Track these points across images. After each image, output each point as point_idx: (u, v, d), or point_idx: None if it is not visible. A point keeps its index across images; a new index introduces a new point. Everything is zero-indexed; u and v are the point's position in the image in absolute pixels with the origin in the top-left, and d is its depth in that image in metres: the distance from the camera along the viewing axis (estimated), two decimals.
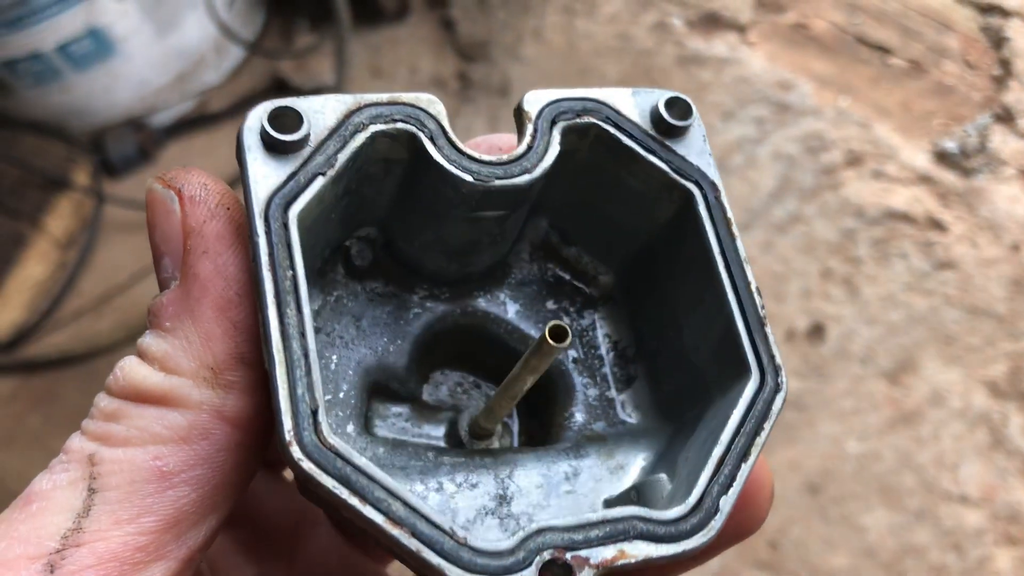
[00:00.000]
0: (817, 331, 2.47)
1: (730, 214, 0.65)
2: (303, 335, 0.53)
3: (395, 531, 0.50)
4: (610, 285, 0.76)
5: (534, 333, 0.74)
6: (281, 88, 3.13)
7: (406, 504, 0.51)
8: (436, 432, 0.71)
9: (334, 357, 0.68)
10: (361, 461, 0.51)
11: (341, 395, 0.67)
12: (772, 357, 0.61)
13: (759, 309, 0.62)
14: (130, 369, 0.56)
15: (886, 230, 2.57)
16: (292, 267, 0.54)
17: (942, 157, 2.66)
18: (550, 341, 0.58)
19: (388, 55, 3.16)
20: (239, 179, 0.57)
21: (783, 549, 2.22)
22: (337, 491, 0.50)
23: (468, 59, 3.07)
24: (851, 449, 2.33)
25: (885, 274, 2.53)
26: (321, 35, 3.16)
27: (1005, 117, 2.70)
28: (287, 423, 0.50)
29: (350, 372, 0.68)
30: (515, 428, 0.76)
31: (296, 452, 0.50)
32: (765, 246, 2.57)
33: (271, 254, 0.54)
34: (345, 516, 0.51)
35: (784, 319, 2.49)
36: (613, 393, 0.73)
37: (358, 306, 0.70)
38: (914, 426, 2.34)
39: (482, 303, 0.74)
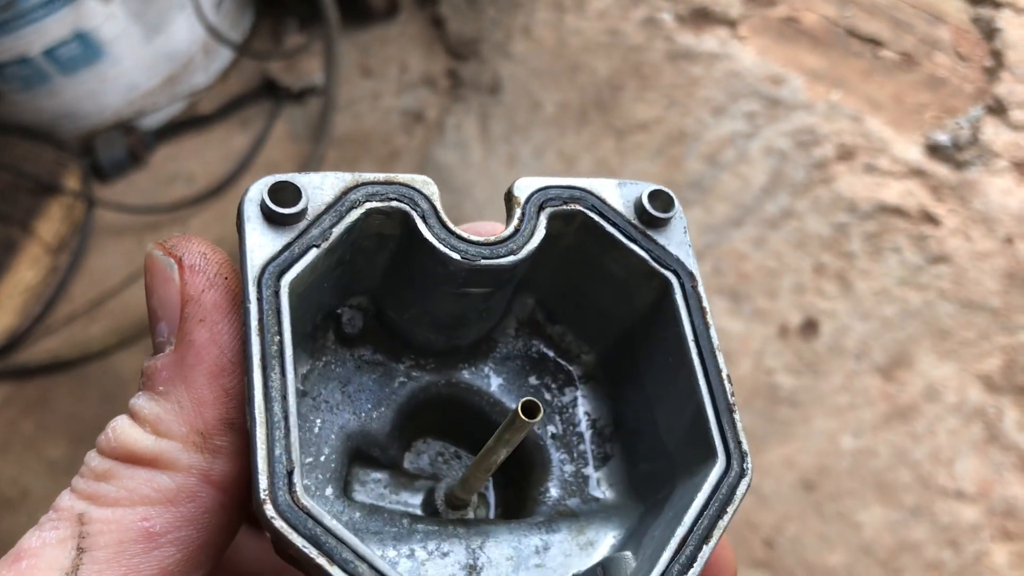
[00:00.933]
0: (810, 326, 2.46)
1: (706, 303, 0.68)
2: (285, 398, 0.55)
3: None
4: (592, 364, 0.79)
5: (514, 407, 0.77)
6: (271, 88, 3.13)
7: (372, 567, 0.53)
8: (413, 500, 0.73)
9: (318, 421, 0.70)
10: (331, 523, 0.53)
11: (322, 458, 0.69)
12: (739, 443, 0.63)
13: (729, 396, 0.64)
14: (122, 430, 0.58)
15: (879, 224, 2.56)
16: (280, 333, 0.57)
17: (934, 150, 2.64)
18: (522, 416, 0.60)
19: (378, 54, 3.15)
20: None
21: (779, 547, 2.22)
22: (306, 550, 0.52)
23: (458, 57, 3.06)
24: (846, 445, 2.33)
25: (878, 268, 2.51)
26: (310, 35, 3.15)
27: (997, 109, 2.68)
28: (263, 483, 0.52)
29: (332, 436, 0.70)
30: (491, 499, 0.78)
31: (270, 510, 0.52)
32: (757, 242, 2.56)
33: (261, 320, 0.56)
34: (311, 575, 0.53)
35: (777, 315, 2.48)
36: (590, 470, 0.76)
37: (346, 372, 0.73)
38: (909, 421, 2.33)
39: (466, 375, 0.77)
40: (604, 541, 0.70)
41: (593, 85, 2.89)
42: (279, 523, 0.52)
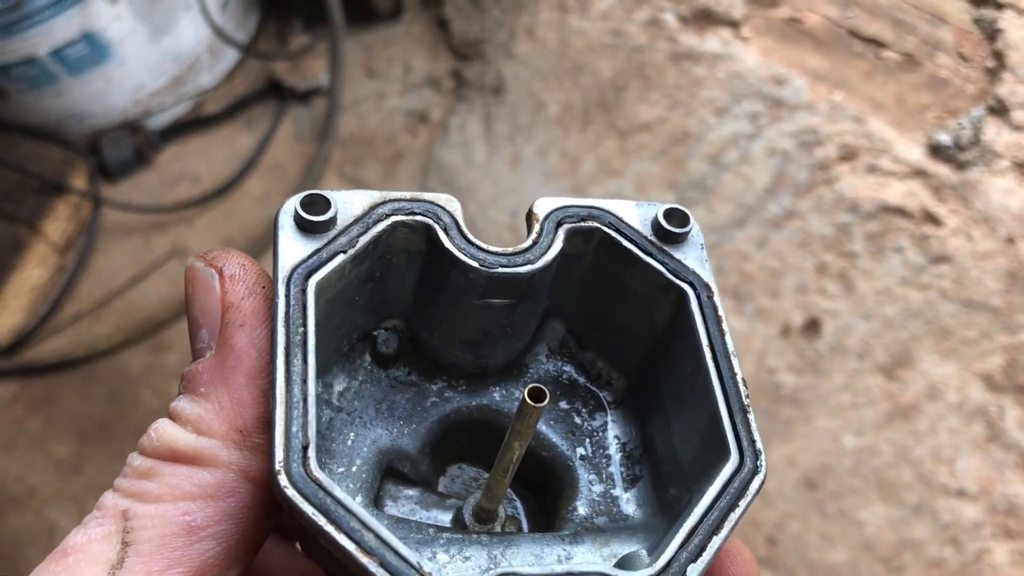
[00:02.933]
0: (813, 326, 2.47)
1: (722, 312, 0.69)
2: (305, 382, 0.58)
3: (364, 559, 0.54)
4: (622, 390, 0.81)
5: (544, 431, 0.79)
6: (276, 89, 3.14)
7: (378, 536, 0.55)
8: (443, 517, 0.75)
9: (351, 434, 0.73)
10: (341, 494, 0.55)
11: (354, 468, 0.72)
12: (753, 442, 0.64)
13: (743, 398, 0.66)
14: (164, 431, 0.61)
15: (881, 224, 2.57)
16: (304, 325, 0.60)
17: (936, 150, 2.65)
18: (529, 401, 0.62)
19: (382, 55, 3.16)
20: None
21: (781, 545, 2.22)
22: (315, 518, 0.54)
23: (462, 58, 3.07)
24: (848, 444, 2.33)
25: (880, 268, 2.52)
26: (315, 36, 3.16)
27: (999, 109, 2.69)
28: (279, 455, 0.55)
29: (365, 449, 0.73)
30: (522, 520, 0.79)
31: (283, 480, 0.55)
32: (760, 242, 2.57)
33: (287, 312, 0.60)
34: (323, 544, 0.55)
35: (780, 315, 2.49)
36: (618, 491, 0.77)
37: (380, 391, 0.76)
38: (911, 420, 2.34)
39: (496, 397, 0.79)
40: (627, 552, 0.71)
41: (596, 86, 2.90)
42: (291, 492, 0.54)
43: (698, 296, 0.69)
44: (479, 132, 2.90)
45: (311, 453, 0.56)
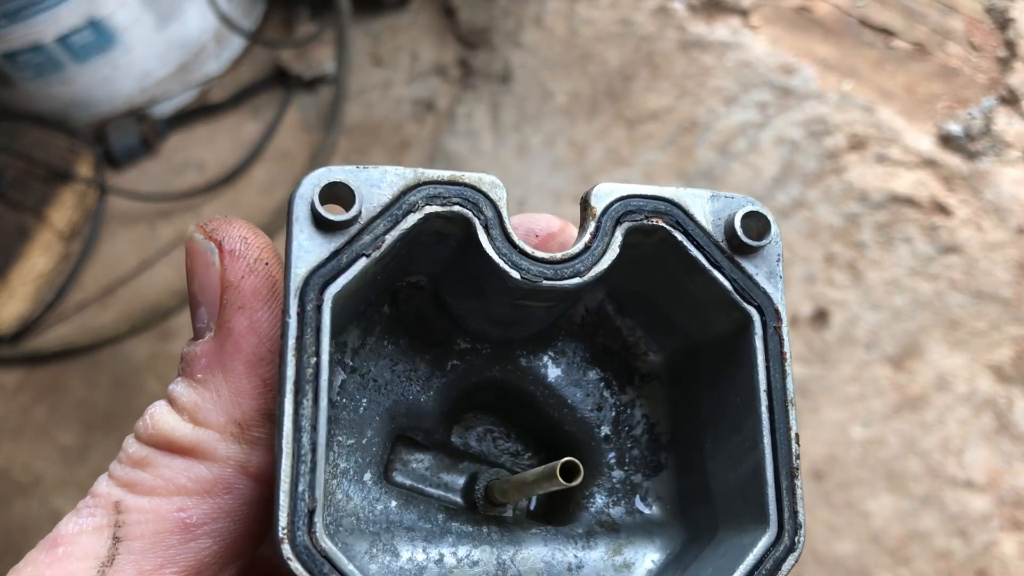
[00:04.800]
0: (821, 316, 2.46)
1: (787, 348, 0.62)
2: (315, 428, 0.53)
3: None
4: (659, 364, 0.74)
5: (571, 400, 0.72)
6: (282, 77, 3.13)
7: None
8: (455, 482, 0.70)
9: (364, 400, 0.67)
10: (349, 569, 0.51)
11: (364, 440, 0.66)
12: (795, 513, 0.59)
13: (794, 459, 0.60)
14: (160, 417, 0.58)
15: (890, 214, 2.56)
16: (317, 355, 0.54)
17: (946, 140, 2.64)
18: (560, 478, 0.57)
19: (389, 43, 3.15)
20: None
21: None
22: None
23: (469, 46, 3.06)
24: (856, 435, 2.33)
25: (889, 259, 2.51)
26: (321, 24, 3.15)
27: (1010, 99, 2.67)
28: (282, 520, 0.51)
29: (377, 418, 0.67)
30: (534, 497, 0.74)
31: (287, 551, 0.51)
32: None
33: (299, 337, 0.54)
34: None
35: (788, 305, 2.48)
36: (639, 478, 0.71)
37: (398, 351, 0.69)
38: (919, 411, 2.33)
39: (523, 363, 0.72)
40: (641, 564, 0.67)
41: (604, 74, 2.89)
42: (295, 565, 0.51)
43: (764, 324, 0.62)
44: (486, 121, 2.89)
45: (318, 519, 0.51)
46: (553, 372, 0.72)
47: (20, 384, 2.70)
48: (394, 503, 0.66)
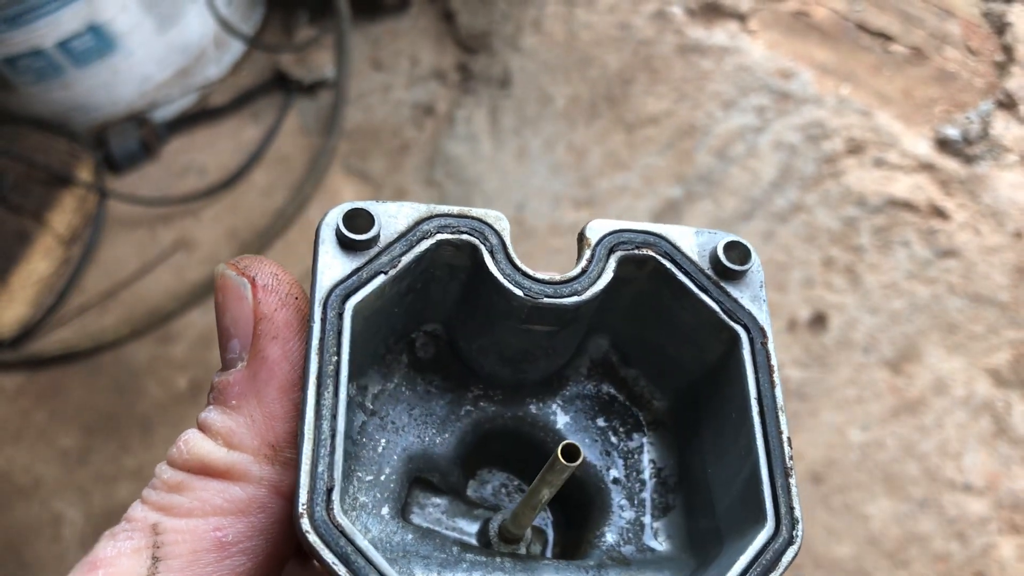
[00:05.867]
0: (819, 320, 2.47)
1: (774, 361, 0.67)
2: (335, 417, 0.57)
3: None
4: (663, 412, 0.78)
5: (580, 448, 0.75)
6: (282, 81, 3.14)
7: None
8: (469, 528, 0.73)
9: (383, 440, 0.71)
10: (363, 544, 0.54)
11: (383, 477, 0.70)
12: (791, 508, 0.62)
13: (787, 459, 0.63)
14: (194, 443, 0.60)
15: (888, 218, 2.57)
16: (338, 354, 0.59)
17: (944, 144, 2.64)
18: (561, 460, 0.60)
19: (388, 47, 3.16)
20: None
21: None
22: (335, 566, 0.53)
23: (468, 51, 3.07)
24: (854, 438, 2.33)
25: (887, 262, 2.52)
26: (321, 28, 3.16)
27: (1007, 103, 2.68)
28: (302, 497, 0.54)
29: (395, 457, 0.71)
30: (550, 537, 0.77)
31: (305, 524, 0.54)
32: (766, 235, 2.57)
33: (322, 339, 0.59)
34: None
35: (786, 309, 2.49)
36: (648, 519, 0.74)
37: (415, 396, 0.74)
38: (917, 415, 2.34)
39: (532, 409, 0.77)
40: None
41: (603, 79, 2.90)
42: (312, 537, 0.53)
43: (751, 341, 0.66)
44: (485, 125, 2.90)
45: (335, 497, 0.55)
46: (562, 419, 0.77)
47: (21, 388, 2.70)
48: (410, 536, 0.68)
